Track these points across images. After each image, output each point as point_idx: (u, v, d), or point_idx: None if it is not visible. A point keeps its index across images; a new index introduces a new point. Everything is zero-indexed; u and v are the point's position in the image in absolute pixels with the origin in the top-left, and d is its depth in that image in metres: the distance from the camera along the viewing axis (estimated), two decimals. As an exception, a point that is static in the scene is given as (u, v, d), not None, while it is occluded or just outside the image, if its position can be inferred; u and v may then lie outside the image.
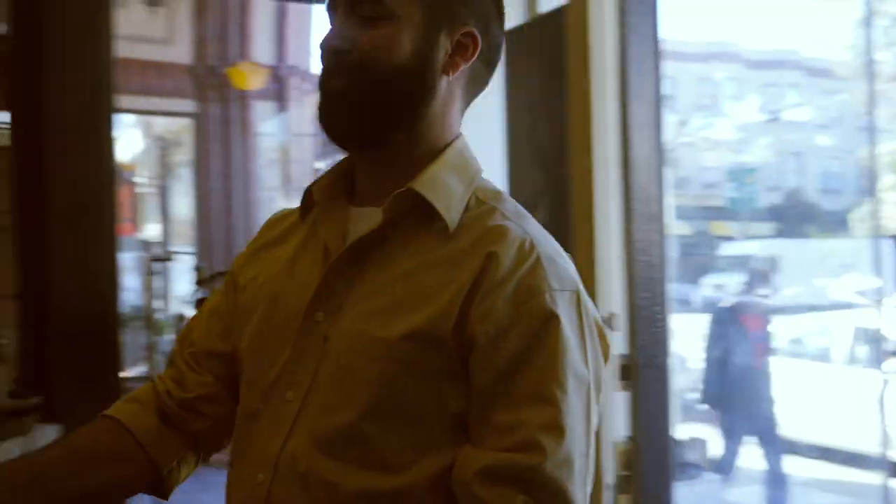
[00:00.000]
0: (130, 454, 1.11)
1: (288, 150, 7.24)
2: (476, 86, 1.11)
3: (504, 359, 0.97)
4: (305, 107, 7.16)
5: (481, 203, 1.06)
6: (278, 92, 7.08)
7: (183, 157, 9.00)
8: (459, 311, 0.97)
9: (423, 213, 1.03)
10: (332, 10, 1.05)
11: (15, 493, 1.02)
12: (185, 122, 7.99)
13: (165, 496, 1.15)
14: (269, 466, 1.01)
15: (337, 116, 1.05)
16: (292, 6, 6.93)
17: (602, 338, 1.04)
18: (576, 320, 0.99)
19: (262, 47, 7.04)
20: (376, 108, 1.04)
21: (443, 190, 1.04)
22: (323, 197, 1.10)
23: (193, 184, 7.44)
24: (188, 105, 7.17)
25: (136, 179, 9.22)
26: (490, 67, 1.12)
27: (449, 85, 1.07)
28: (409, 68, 1.03)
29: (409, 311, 0.99)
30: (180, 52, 7.04)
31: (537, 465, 0.93)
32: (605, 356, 1.05)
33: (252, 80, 6.75)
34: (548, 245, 1.03)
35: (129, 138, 8.77)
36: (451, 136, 1.09)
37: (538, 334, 0.97)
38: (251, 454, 1.05)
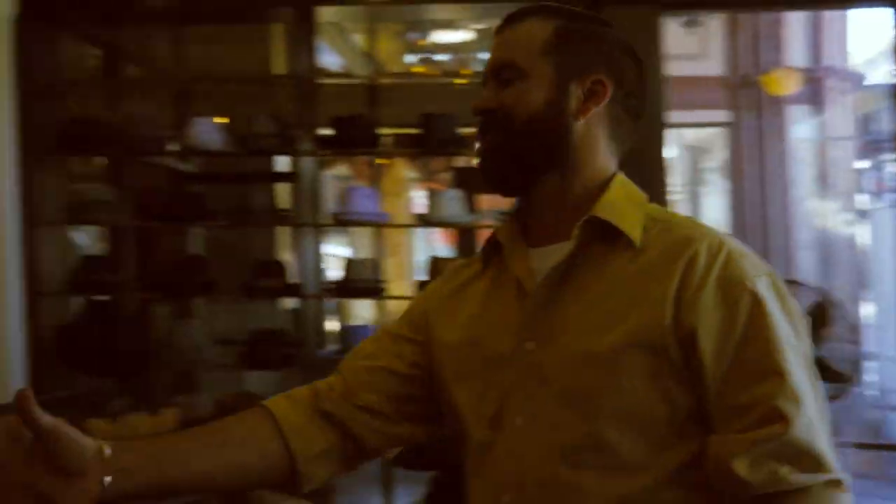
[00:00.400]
0: (272, 445, 1.16)
1: (824, 152, 7.13)
2: (621, 128, 1.22)
3: (727, 346, 1.05)
4: (842, 107, 7.00)
5: (657, 222, 1.17)
6: (813, 94, 7.00)
7: (713, 164, 9.31)
8: (673, 315, 1.06)
9: (608, 237, 1.14)
10: (483, 84, 1.23)
11: (155, 454, 1.07)
12: (715, 131, 8.32)
13: (297, 492, 1.19)
14: (513, 487, 1.11)
15: (491, 168, 1.20)
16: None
17: (800, 316, 1.10)
18: (777, 300, 1.08)
19: (796, 52, 7.03)
20: (520, 155, 1.19)
21: (621, 213, 1.15)
22: (506, 241, 1.23)
23: (726, 190, 7.68)
24: (721, 115, 7.45)
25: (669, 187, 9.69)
26: (631, 113, 1.23)
27: (587, 128, 1.19)
28: (542, 116, 1.18)
29: (618, 323, 1.08)
30: (713, 65, 7.36)
31: (787, 433, 1.00)
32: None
33: (786, 84, 6.79)
34: (732, 241, 1.13)
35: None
36: (605, 175, 1.21)
37: (751, 318, 1.05)
38: (491, 479, 1.14)
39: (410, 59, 7.59)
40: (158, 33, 4.96)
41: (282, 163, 4.62)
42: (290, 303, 4.37)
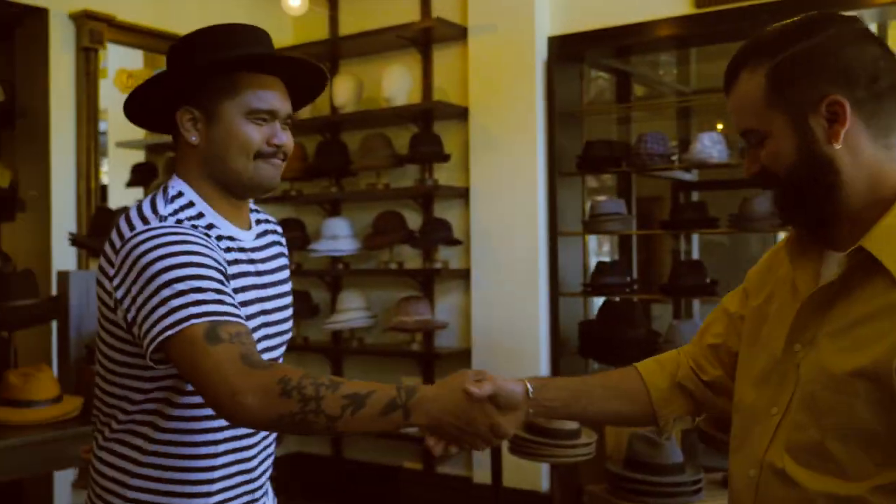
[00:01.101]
0: (640, 401, 1.50)
1: None
2: (883, 119, 1.19)
3: None
4: None
5: None
6: None
7: None
8: None
9: (876, 264, 1.16)
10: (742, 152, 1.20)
11: (564, 397, 1.48)
12: None
13: (661, 431, 1.53)
14: (757, 465, 1.26)
15: (783, 216, 1.29)
16: None
17: None
18: None
19: None
20: (801, 204, 1.23)
21: (891, 241, 1.16)
22: (801, 243, 1.30)
23: None
24: None
25: None
26: (885, 97, 1.18)
27: (847, 146, 1.18)
28: (799, 163, 1.20)
29: (859, 351, 1.15)
30: None
31: None
32: None
33: None
34: None
35: None
36: (890, 179, 1.20)
37: None
38: (746, 453, 1.30)
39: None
40: (664, 57, 5.37)
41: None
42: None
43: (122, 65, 5.00)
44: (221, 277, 1.42)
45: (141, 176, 5.61)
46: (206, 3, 4.85)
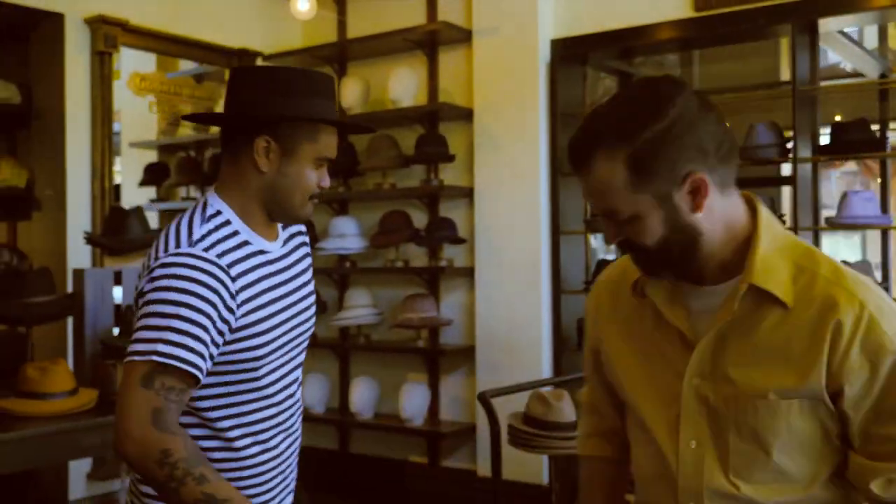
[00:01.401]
0: (626, 472, 1.60)
1: None
2: (729, 175, 1.31)
3: (869, 396, 1.27)
4: None
5: (802, 270, 1.30)
6: None
7: None
8: (826, 373, 1.27)
9: (765, 296, 1.29)
10: (602, 217, 1.31)
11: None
12: None
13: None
14: (696, 496, 1.35)
15: (650, 272, 1.37)
16: None
17: None
18: None
19: None
20: (668, 265, 1.34)
21: (774, 275, 1.29)
22: (656, 288, 1.39)
23: None
24: None
25: None
26: (727, 162, 1.30)
27: (707, 210, 1.28)
28: (667, 236, 1.28)
29: (785, 376, 1.29)
30: None
31: None
32: None
33: None
34: (872, 298, 1.28)
35: None
36: (743, 224, 1.33)
37: (891, 375, 1.26)
38: (670, 485, 1.37)
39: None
40: (667, 57, 5.44)
41: (785, 167, 4.77)
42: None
43: (135, 67, 5.12)
44: (209, 323, 1.54)
45: (153, 175, 5.73)
46: (216, 8, 4.96)
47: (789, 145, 3.99)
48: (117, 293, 3.34)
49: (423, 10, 4.93)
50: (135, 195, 5.96)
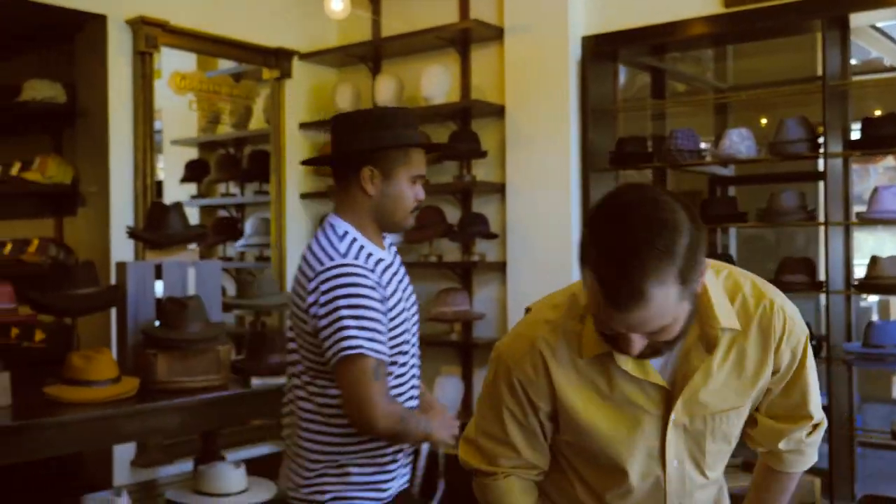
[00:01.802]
0: None
1: None
2: None
3: (789, 374, 1.60)
4: None
5: (734, 294, 1.54)
6: None
7: None
8: (772, 366, 1.56)
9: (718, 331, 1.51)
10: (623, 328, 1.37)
11: None
12: None
13: None
14: (683, 498, 1.62)
15: (652, 356, 1.46)
16: None
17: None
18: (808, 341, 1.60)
19: None
20: (674, 345, 1.45)
21: (726, 311, 1.51)
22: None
23: None
24: None
25: None
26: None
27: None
28: (688, 323, 1.40)
29: (741, 387, 1.56)
30: None
31: (812, 423, 1.68)
32: None
33: None
34: (779, 297, 1.57)
35: None
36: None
37: (803, 356, 1.60)
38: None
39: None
40: (700, 53, 5.46)
41: (813, 163, 4.76)
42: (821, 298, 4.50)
43: (176, 67, 5.24)
44: (382, 316, 2.02)
45: (194, 172, 5.87)
46: (254, 8, 5.07)
47: (820, 140, 4.00)
48: (158, 286, 3.46)
49: (456, 8, 5.00)
50: (176, 191, 6.09)
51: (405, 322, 2.14)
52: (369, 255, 2.09)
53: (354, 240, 2.09)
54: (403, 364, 2.18)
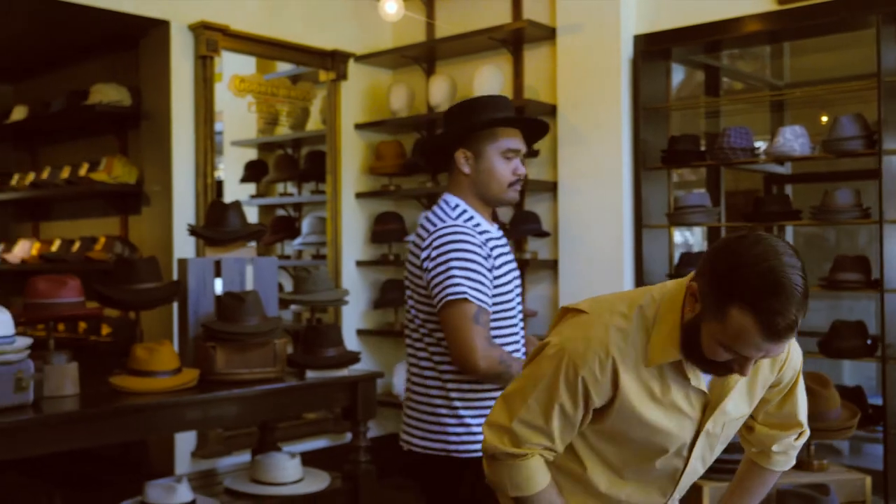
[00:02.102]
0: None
1: None
2: None
3: (786, 388, 1.85)
4: None
5: None
6: None
7: None
8: (776, 377, 1.81)
9: None
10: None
11: None
12: None
13: None
14: (682, 489, 1.89)
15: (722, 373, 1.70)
16: None
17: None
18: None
19: None
20: None
21: None
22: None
23: None
24: None
25: None
26: None
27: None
28: None
29: (753, 396, 1.78)
30: None
31: (803, 433, 1.93)
32: None
33: None
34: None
35: None
36: None
37: (799, 372, 1.84)
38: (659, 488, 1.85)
39: None
40: (757, 50, 5.42)
41: (873, 160, 4.71)
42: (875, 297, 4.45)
43: (236, 70, 5.39)
44: (486, 272, 2.25)
45: (253, 172, 6.02)
46: (311, 12, 5.19)
47: (875, 137, 3.96)
48: (217, 282, 3.59)
49: (509, 9, 5.05)
50: (236, 191, 6.26)
51: (513, 291, 2.38)
52: (477, 224, 2.35)
53: (465, 211, 2.35)
54: (508, 327, 2.38)
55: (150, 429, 3.03)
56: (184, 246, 4.56)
